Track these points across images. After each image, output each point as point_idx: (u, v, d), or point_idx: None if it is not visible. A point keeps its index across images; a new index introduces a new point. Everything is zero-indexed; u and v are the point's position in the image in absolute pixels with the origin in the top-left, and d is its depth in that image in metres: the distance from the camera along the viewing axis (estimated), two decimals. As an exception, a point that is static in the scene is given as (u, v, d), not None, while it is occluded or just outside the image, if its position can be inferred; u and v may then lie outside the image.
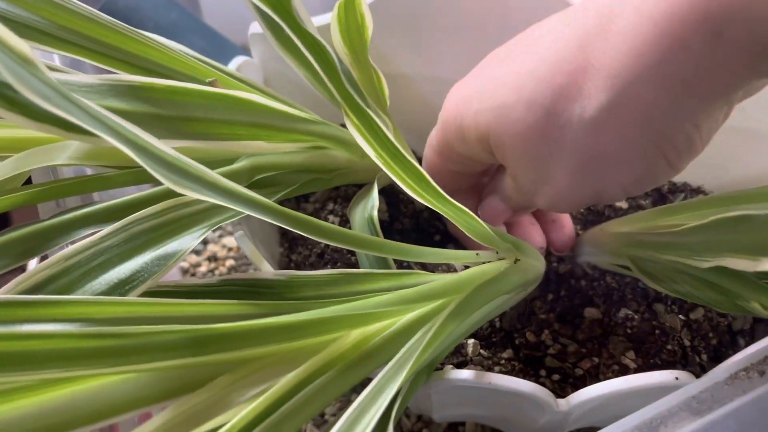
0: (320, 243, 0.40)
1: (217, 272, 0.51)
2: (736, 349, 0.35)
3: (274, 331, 0.26)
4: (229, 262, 0.51)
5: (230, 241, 0.53)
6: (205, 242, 0.53)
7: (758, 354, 0.28)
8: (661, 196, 0.42)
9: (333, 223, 0.41)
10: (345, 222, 0.40)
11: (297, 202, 0.43)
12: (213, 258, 0.52)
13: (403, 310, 0.28)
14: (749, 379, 0.27)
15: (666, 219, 0.34)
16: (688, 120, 0.24)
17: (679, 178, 0.43)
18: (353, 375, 0.27)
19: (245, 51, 0.60)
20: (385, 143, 0.30)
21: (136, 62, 0.33)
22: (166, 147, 0.24)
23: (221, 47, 0.55)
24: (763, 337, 0.29)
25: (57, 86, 0.20)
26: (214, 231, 0.54)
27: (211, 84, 0.33)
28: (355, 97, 0.29)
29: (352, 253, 0.39)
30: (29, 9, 0.28)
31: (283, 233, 0.42)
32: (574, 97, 0.25)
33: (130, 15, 0.51)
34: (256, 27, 0.40)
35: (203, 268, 0.51)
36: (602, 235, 0.37)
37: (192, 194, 0.23)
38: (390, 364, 0.25)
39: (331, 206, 0.41)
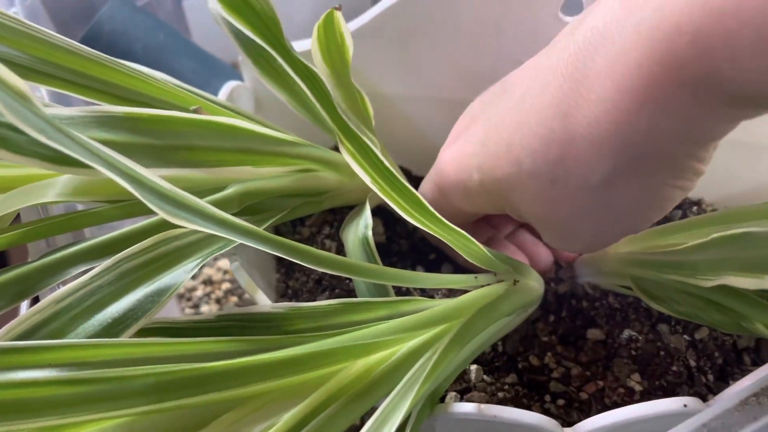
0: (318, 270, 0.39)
1: (213, 296, 0.50)
2: (741, 367, 0.35)
3: (275, 366, 0.25)
4: (225, 285, 0.51)
5: (226, 263, 0.52)
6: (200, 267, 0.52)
7: (753, 382, 0.27)
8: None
9: (330, 247, 0.40)
10: (342, 245, 0.40)
11: (293, 226, 0.43)
12: (209, 282, 0.51)
13: (405, 338, 0.28)
14: (759, 404, 0.26)
15: (667, 238, 0.33)
16: (692, 158, 0.24)
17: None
18: (358, 407, 0.27)
19: (235, 69, 0.60)
20: (380, 168, 0.30)
21: (120, 93, 0.32)
22: (158, 178, 0.23)
23: (211, 66, 0.54)
24: (768, 354, 0.28)
25: (52, 120, 0.20)
26: (208, 254, 0.53)
27: (195, 111, 0.32)
28: (349, 123, 0.29)
29: (350, 278, 0.38)
30: (9, 45, 0.28)
31: (279, 259, 0.42)
32: (574, 166, 0.25)
33: (117, 39, 0.50)
34: (244, 51, 0.40)
35: (199, 292, 0.50)
36: (603, 255, 0.36)
37: (186, 225, 0.23)
38: (393, 393, 0.25)
39: (327, 230, 0.41)
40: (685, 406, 0.28)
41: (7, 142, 0.23)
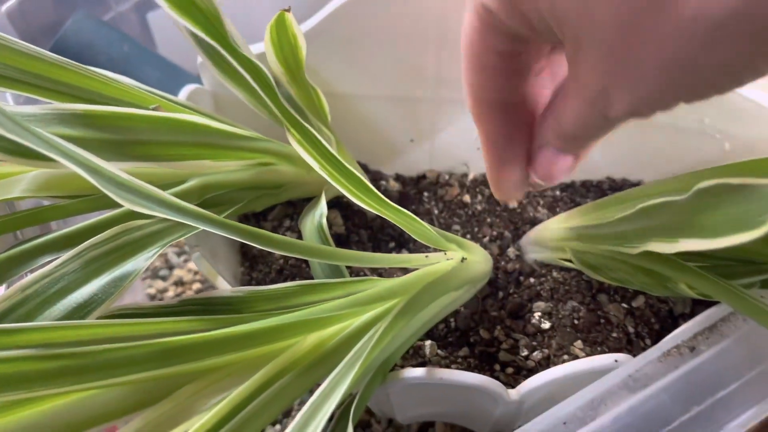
0: (279, 260, 0.41)
1: (184, 296, 0.51)
2: (678, 331, 0.37)
3: (232, 341, 0.27)
4: (196, 286, 0.52)
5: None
6: (170, 267, 0.54)
7: (688, 331, 0.29)
8: (601, 193, 0.45)
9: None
10: (301, 237, 0.42)
11: (256, 221, 0.45)
12: (180, 282, 0.52)
13: (357, 312, 0.30)
14: (680, 355, 0.29)
15: (602, 212, 0.35)
16: None
17: (618, 175, 0.45)
18: (312, 376, 0.28)
19: (199, 79, 0.62)
20: (327, 156, 0.32)
21: (82, 95, 0.34)
22: (115, 168, 0.25)
23: (176, 76, 0.56)
24: (702, 318, 0.30)
25: (13, 116, 0.22)
26: (179, 256, 0.55)
27: (154, 109, 0.34)
28: (293, 113, 0.31)
29: (310, 266, 0.40)
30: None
31: (244, 253, 0.44)
32: None
33: (82, 51, 0.52)
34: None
35: (170, 293, 0.52)
36: (545, 232, 0.38)
37: (145, 211, 0.25)
38: (342, 363, 0.26)
39: (288, 223, 0.42)
40: (616, 361, 0.30)
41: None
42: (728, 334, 0.29)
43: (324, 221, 0.35)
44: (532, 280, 0.39)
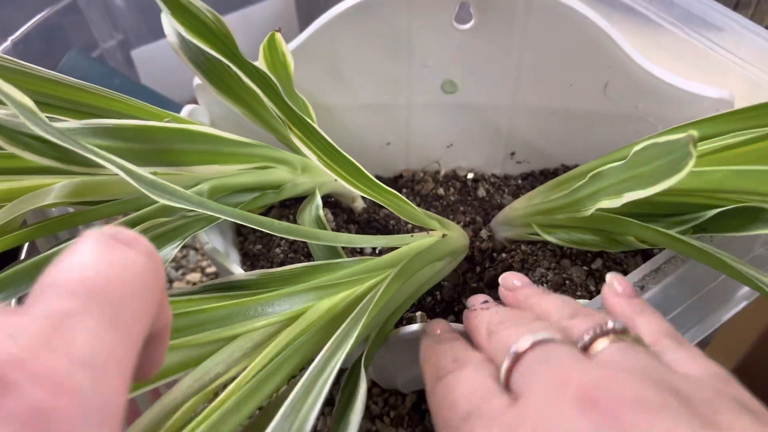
0: (280, 255, 0.46)
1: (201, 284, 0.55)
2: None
3: (255, 307, 0.32)
4: (195, 294, 0.56)
5: (194, 277, 0.58)
6: (170, 281, 0.58)
7: (638, 274, 0.35)
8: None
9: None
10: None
11: (252, 225, 0.49)
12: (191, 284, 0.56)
13: (360, 281, 0.35)
14: (641, 289, 0.34)
15: (558, 188, 0.41)
16: None
17: (571, 162, 0.51)
18: (329, 332, 0.33)
19: (180, 106, 0.66)
20: (326, 147, 0.37)
21: (103, 114, 0.38)
22: (145, 171, 0.30)
23: (165, 105, 0.60)
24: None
25: (58, 128, 0.27)
26: (177, 270, 0.59)
27: (167, 122, 0.39)
28: (296, 109, 0.36)
29: (308, 258, 0.45)
30: (8, 81, 0.34)
31: (245, 253, 0.48)
32: None
33: (78, 85, 0.56)
34: (198, 79, 0.47)
35: (172, 303, 0.56)
36: (512, 212, 0.44)
37: (176, 204, 0.29)
38: (351, 316, 0.31)
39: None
40: (581, 305, 0.36)
41: (30, 146, 0.30)
42: (670, 273, 0.34)
43: (321, 212, 0.40)
44: (504, 255, 0.45)
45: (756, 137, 0.33)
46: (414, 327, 0.35)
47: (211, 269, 0.60)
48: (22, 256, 0.51)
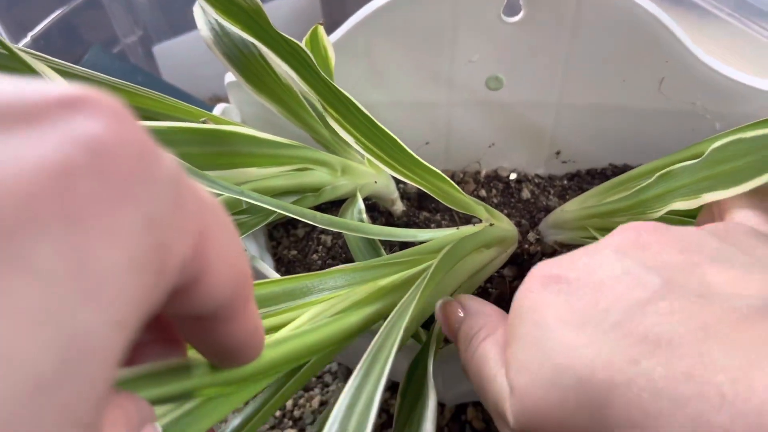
0: (317, 261, 0.43)
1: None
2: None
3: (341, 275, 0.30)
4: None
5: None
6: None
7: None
8: (606, 179, 0.48)
9: (325, 240, 0.45)
10: (336, 239, 0.44)
11: (286, 230, 0.47)
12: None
13: (409, 264, 0.32)
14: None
15: (614, 189, 0.39)
16: None
17: (620, 161, 0.49)
18: (382, 305, 0.31)
19: (209, 104, 0.64)
20: (364, 123, 0.34)
21: (137, 113, 0.36)
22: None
23: (185, 101, 0.58)
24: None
25: None
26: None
27: (203, 122, 0.37)
28: (332, 83, 0.33)
29: (347, 262, 0.43)
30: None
31: (278, 259, 0.46)
32: None
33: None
34: (230, 76, 0.45)
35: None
36: (563, 215, 0.42)
37: (240, 197, 0.28)
38: (409, 292, 0.29)
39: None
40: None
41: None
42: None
43: (364, 216, 0.38)
44: (555, 260, 0.42)
45: None
46: (472, 340, 0.33)
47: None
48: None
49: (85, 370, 0.11)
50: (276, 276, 0.36)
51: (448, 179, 0.34)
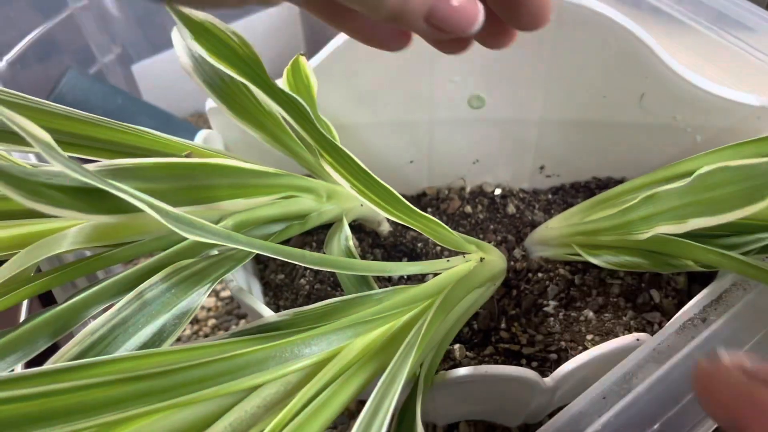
0: (305, 285, 0.43)
1: (201, 333, 0.53)
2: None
3: (289, 350, 0.30)
4: (211, 322, 0.54)
5: (208, 302, 0.55)
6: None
7: (697, 305, 0.33)
8: (590, 192, 0.48)
9: (311, 264, 0.44)
10: (322, 262, 0.44)
11: (272, 252, 0.47)
12: (194, 321, 0.54)
13: (397, 314, 0.33)
14: (695, 326, 0.32)
15: (597, 207, 0.39)
16: None
17: (603, 174, 0.49)
18: (365, 374, 0.31)
19: (191, 122, 0.64)
20: (357, 171, 0.34)
21: (116, 149, 0.36)
22: (173, 209, 0.27)
23: (169, 123, 0.58)
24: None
25: (94, 171, 0.24)
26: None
27: (187, 156, 0.36)
28: (327, 135, 0.33)
29: (335, 289, 0.43)
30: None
31: (266, 283, 0.46)
32: None
33: (78, 107, 0.53)
34: (211, 102, 0.44)
35: (187, 332, 0.53)
36: (548, 231, 0.42)
37: (202, 239, 0.27)
38: (395, 357, 0.29)
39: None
40: (637, 339, 0.34)
41: (44, 195, 0.27)
42: (733, 303, 0.32)
43: (351, 243, 0.38)
44: (540, 275, 0.42)
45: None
46: (463, 372, 0.33)
47: (225, 293, 0.58)
48: (23, 311, 0.49)
49: None
50: (268, 313, 0.36)
51: (439, 222, 0.34)
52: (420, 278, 0.43)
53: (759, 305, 0.32)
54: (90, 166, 0.31)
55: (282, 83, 0.38)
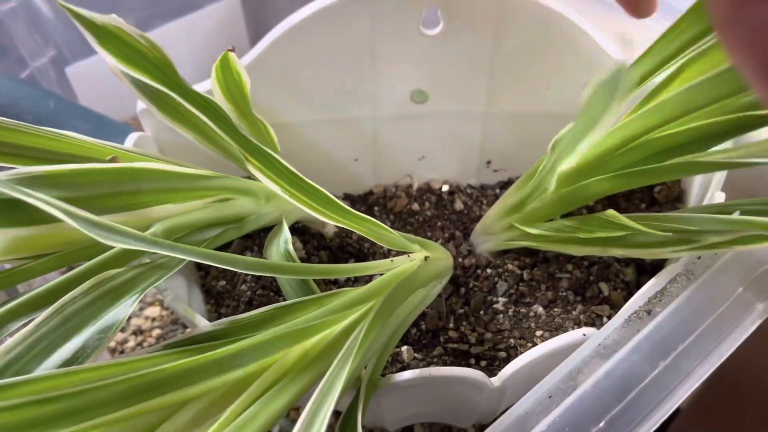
0: (246, 291, 0.42)
1: (145, 344, 0.51)
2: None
3: (220, 362, 0.28)
4: (156, 332, 0.52)
5: (152, 311, 0.53)
6: (128, 318, 0.53)
7: (642, 298, 0.32)
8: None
9: (253, 269, 0.43)
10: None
11: (213, 258, 0.45)
12: (138, 332, 0.52)
13: (336, 319, 0.31)
14: (640, 319, 0.32)
15: (529, 182, 0.38)
16: None
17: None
18: (302, 383, 0.29)
19: (129, 125, 0.61)
20: (290, 177, 0.33)
21: (35, 155, 0.34)
22: (97, 217, 0.26)
23: (105, 126, 0.55)
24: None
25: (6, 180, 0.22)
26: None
27: (112, 160, 0.34)
28: (251, 139, 0.32)
29: (279, 294, 0.41)
30: None
31: (207, 291, 0.44)
32: None
33: (6, 111, 0.51)
34: (142, 104, 0.42)
35: (131, 344, 0.51)
36: (488, 219, 0.41)
37: (124, 246, 0.25)
38: (332, 366, 0.27)
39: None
40: (584, 335, 0.33)
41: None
42: (677, 294, 0.32)
43: (290, 247, 0.37)
44: (489, 270, 0.42)
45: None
46: (407, 375, 0.32)
47: (170, 302, 0.55)
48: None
49: None
50: (203, 323, 0.34)
51: (378, 222, 0.33)
52: (367, 280, 0.42)
53: (703, 294, 0.31)
54: (1, 174, 0.29)
55: (212, 82, 0.36)
